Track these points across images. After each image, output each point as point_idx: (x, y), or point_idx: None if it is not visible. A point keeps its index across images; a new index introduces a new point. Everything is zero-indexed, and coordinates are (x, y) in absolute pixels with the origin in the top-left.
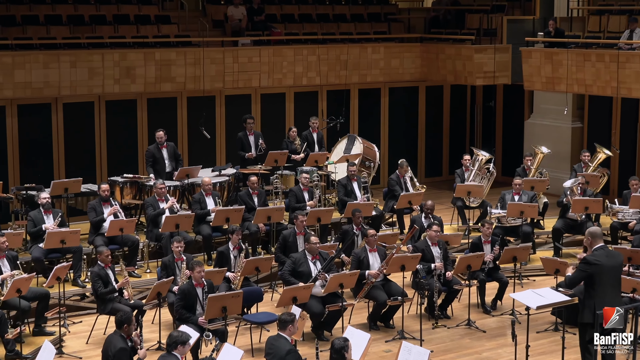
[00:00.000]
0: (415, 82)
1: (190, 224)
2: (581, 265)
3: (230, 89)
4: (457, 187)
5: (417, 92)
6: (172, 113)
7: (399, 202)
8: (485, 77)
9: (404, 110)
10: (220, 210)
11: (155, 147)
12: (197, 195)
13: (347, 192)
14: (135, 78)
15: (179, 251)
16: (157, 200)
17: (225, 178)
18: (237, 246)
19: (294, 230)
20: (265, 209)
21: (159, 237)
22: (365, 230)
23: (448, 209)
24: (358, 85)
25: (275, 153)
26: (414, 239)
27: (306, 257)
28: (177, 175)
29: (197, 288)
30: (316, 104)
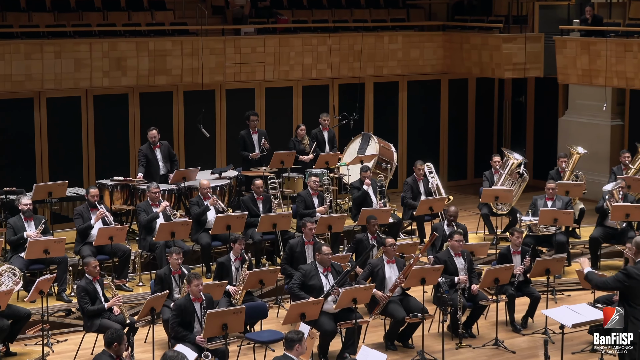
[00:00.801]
0: (437, 75)
1: (187, 231)
2: (620, 275)
3: (231, 83)
4: (484, 192)
5: (439, 86)
6: (168, 109)
7: (418, 208)
8: (515, 70)
9: (424, 106)
10: (221, 217)
11: (147, 147)
12: (194, 199)
13: (361, 196)
14: (126, 70)
15: (178, 264)
16: (150, 206)
17: (226, 181)
18: (239, 257)
19: (301, 239)
20: (270, 216)
21: (153, 247)
22: (382, 240)
23: (473, 216)
24: (373, 79)
25: (281, 153)
26: (436, 248)
27: (317, 270)
28: (172, 178)
29: (194, 303)
30: (327, 99)
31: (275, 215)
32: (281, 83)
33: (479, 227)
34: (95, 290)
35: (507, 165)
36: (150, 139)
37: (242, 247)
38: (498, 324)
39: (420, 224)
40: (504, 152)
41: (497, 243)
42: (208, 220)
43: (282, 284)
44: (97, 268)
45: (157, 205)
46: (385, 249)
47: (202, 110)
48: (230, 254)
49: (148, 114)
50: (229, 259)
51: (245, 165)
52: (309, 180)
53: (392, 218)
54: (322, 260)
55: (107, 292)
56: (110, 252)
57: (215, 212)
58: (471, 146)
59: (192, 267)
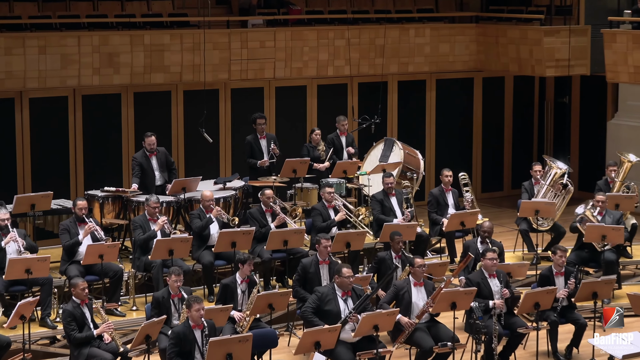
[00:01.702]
0: (469, 72)
1: (187, 249)
2: None
3: (237, 81)
4: (522, 205)
5: (471, 86)
6: (165, 111)
7: (448, 222)
8: (558, 67)
9: (455, 108)
10: (225, 233)
11: (142, 154)
12: (195, 212)
13: (384, 209)
14: (119, 67)
15: (177, 287)
16: (147, 221)
17: (231, 192)
18: (246, 279)
19: (315, 258)
20: (281, 232)
21: (148, 266)
22: (409, 259)
23: (510, 232)
24: (397, 77)
25: (293, 161)
26: (468, 269)
27: (335, 293)
28: (170, 189)
29: (194, 330)
30: (345, 100)
31: (286, 231)
32: (293, 82)
33: (517, 244)
34: (83, 315)
35: (549, 175)
36: (148, 146)
37: (251, 269)
38: (539, 354)
39: (450, 241)
40: (546, 160)
41: (537, 263)
42: (211, 235)
43: (293, 308)
44: (85, 290)
45: (155, 220)
46: (413, 269)
47: (205, 113)
48: (236, 275)
49: (143, 117)
50: (234, 281)
51: (252, 175)
52: (323, 191)
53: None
54: (342, 284)
55: (97, 317)
56: (100, 272)
57: (218, 227)
58: (508, 153)
59: (192, 290)
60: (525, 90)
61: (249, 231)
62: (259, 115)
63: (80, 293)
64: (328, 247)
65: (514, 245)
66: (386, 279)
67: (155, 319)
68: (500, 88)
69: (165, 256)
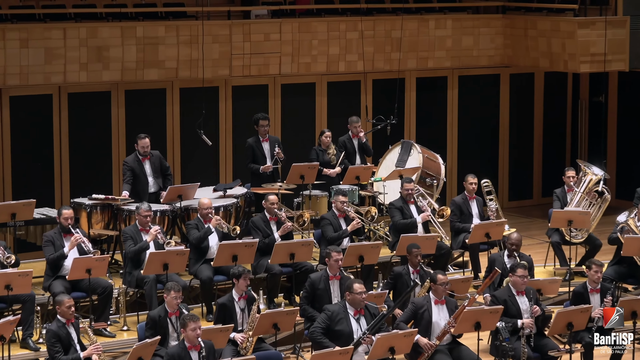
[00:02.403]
0: (495, 68)
1: (183, 263)
2: None
3: (239, 78)
4: (554, 215)
5: (497, 83)
6: (160, 110)
7: (472, 234)
8: (593, 62)
9: (479, 108)
10: (226, 245)
11: (133, 158)
12: (192, 222)
13: (404, 218)
14: (108, 62)
15: (176, 304)
16: (139, 231)
17: (231, 200)
18: (243, 295)
19: (325, 272)
20: (286, 244)
21: (141, 282)
22: (431, 275)
23: (541, 244)
24: (416, 73)
25: (301, 166)
26: (494, 285)
27: (346, 312)
28: (165, 197)
29: (191, 352)
30: (358, 99)
31: (293, 242)
32: (301, 78)
33: (548, 258)
34: (69, 336)
35: (583, 182)
36: (142, 148)
37: (247, 284)
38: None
39: (474, 254)
40: (580, 165)
41: (570, 279)
42: (210, 247)
43: (301, 328)
44: (71, 308)
45: (147, 231)
46: (434, 286)
47: (203, 112)
48: (232, 292)
49: (136, 117)
50: (231, 299)
51: (254, 181)
52: (335, 199)
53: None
54: (353, 301)
55: (84, 338)
56: (87, 289)
57: (218, 238)
58: (538, 158)
59: (190, 308)
60: (557, 88)
61: (251, 243)
62: (261, 116)
63: (66, 311)
64: (339, 260)
65: (544, 259)
66: (404, 297)
67: (148, 340)
68: (529, 85)
69: (160, 271)
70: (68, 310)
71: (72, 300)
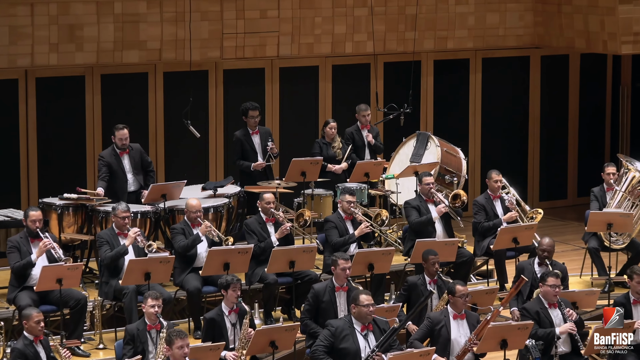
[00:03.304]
0: (524, 49)
1: (167, 272)
2: None
3: (231, 61)
4: (591, 217)
5: (527, 66)
6: (141, 98)
7: (497, 239)
8: (637, 42)
9: (506, 95)
10: (216, 252)
11: (110, 152)
12: (178, 225)
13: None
14: (82, 43)
15: (154, 313)
16: (116, 235)
17: (223, 200)
18: (234, 308)
19: (330, 283)
20: (285, 250)
21: (119, 293)
22: (449, 286)
23: (576, 251)
24: (433, 55)
25: (302, 161)
26: (522, 297)
27: (353, 327)
28: (146, 196)
29: None
30: (367, 85)
31: (293, 248)
32: (302, 61)
33: (585, 266)
34: (37, 356)
35: (625, 179)
36: (119, 141)
37: (237, 294)
38: None
39: (500, 262)
40: (621, 160)
41: (610, 290)
42: (198, 254)
43: (302, 347)
44: (40, 324)
45: (126, 235)
46: (453, 299)
47: (190, 100)
48: (221, 306)
49: (113, 105)
50: (220, 313)
51: (244, 180)
52: (341, 199)
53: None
54: (359, 315)
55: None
56: (58, 301)
57: (207, 244)
58: (573, 152)
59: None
60: (595, 72)
61: (245, 249)
62: (250, 106)
63: (34, 327)
64: (347, 269)
65: (580, 267)
66: (418, 308)
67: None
68: (563, 69)
69: (140, 280)
70: (36, 326)
71: (41, 315)
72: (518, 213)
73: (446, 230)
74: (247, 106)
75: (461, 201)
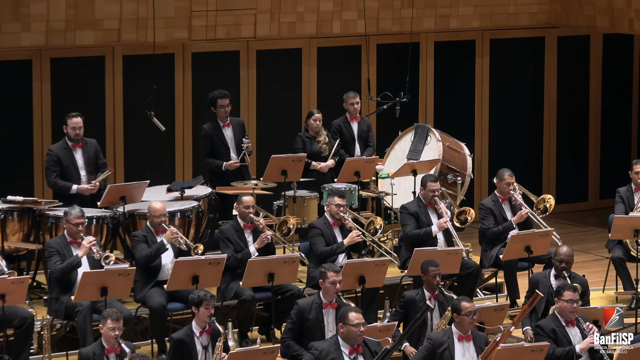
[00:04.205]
0: (539, 29)
1: (128, 286)
2: None
3: (201, 43)
4: (616, 221)
5: (542, 49)
6: (97, 84)
7: (507, 248)
8: None
9: (518, 82)
10: (183, 263)
11: (61, 146)
12: (140, 232)
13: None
14: (29, 22)
15: (113, 337)
16: (68, 244)
17: (191, 204)
18: (206, 329)
19: (317, 298)
20: (263, 260)
21: (71, 311)
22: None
23: (598, 261)
24: (434, 36)
25: (282, 158)
26: (537, 314)
27: (340, 350)
28: (103, 199)
29: None
30: (358, 69)
31: (272, 259)
32: (283, 43)
33: (608, 279)
34: None
35: None
36: (72, 130)
37: (210, 313)
38: None
39: (511, 274)
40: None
41: (637, 306)
42: (162, 265)
43: None
44: None
45: (79, 243)
46: (458, 317)
47: (154, 88)
48: (192, 325)
49: (64, 93)
50: (190, 334)
51: (214, 181)
52: (328, 202)
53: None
54: (348, 335)
55: None
56: (1, 320)
57: (174, 254)
58: (595, 148)
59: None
60: (621, 56)
61: (217, 259)
62: (219, 94)
63: None
64: (337, 283)
65: (603, 280)
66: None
67: None
68: (583, 52)
69: (96, 296)
70: None
71: None
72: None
73: (447, 239)
74: (215, 95)
75: (465, 218)
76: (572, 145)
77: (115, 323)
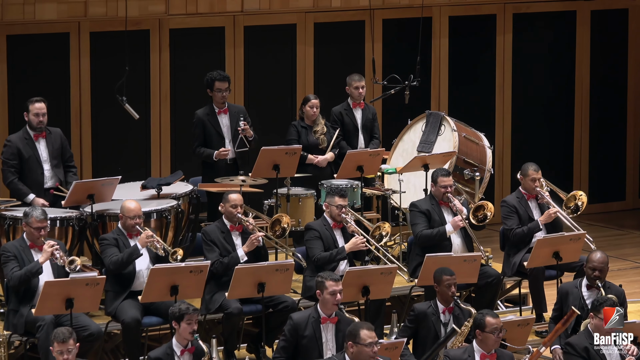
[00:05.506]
0: (569, 1)
1: (96, 298)
2: None
3: (181, 17)
4: None
5: (572, 24)
6: (61, 65)
7: (533, 254)
8: None
9: (545, 62)
10: (160, 271)
11: (22, 136)
12: (110, 235)
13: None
14: None
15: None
16: (28, 248)
17: (170, 203)
18: (188, 347)
19: (314, 312)
20: (252, 268)
21: (32, 326)
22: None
23: (636, 269)
24: (448, 10)
25: (274, 150)
26: (567, 330)
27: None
28: (68, 197)
29: None
30: (361, 49)
31: (262, 266)
32: (274, 18)
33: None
34: None
35: None
36: (35, 117)
37: (193, 328)
38: None
39: (537, 284)
40: None
41: None
42: (137, 273)
43: None
44: None
45: (41, 248)
46: (482, 334)
47: (127, 70)
48: (171, 343)
49: (23, 75)
50: (169, 352)
51: (206, 173)
52: (328, 202)
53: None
54: (359, 356)
55: None
56: None
57: (149, 261)
58: (633, 139)
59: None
60: None
61: (199, 267)
62: (218, 76)
63: None
64: (337, 294)
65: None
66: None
67: None
68: (620, 29)
69: (61, 309)
70: None
71: None
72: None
73: (466, 242)
74: (213, 76)
75: (484, 214)
76: (608, 136)
77: (61, 345)
